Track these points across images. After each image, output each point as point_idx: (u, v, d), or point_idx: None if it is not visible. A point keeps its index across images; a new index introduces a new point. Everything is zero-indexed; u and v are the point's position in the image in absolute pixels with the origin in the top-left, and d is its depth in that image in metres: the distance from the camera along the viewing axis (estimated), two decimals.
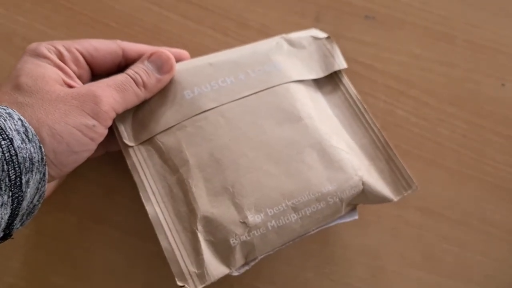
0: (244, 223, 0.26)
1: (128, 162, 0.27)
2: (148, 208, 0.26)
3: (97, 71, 0.28)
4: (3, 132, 0.21)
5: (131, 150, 0.28)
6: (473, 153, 0.33)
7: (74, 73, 0.26)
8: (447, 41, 0.35)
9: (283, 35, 0.32)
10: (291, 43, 0.31)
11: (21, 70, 0.24)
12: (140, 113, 0.28)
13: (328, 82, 0.32)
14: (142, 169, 0.28)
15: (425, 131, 0.34)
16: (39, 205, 0.23)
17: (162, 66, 0.28)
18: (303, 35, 0.32)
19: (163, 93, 0.28)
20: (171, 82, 0.29)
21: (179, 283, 0.25)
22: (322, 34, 0.32)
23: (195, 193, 0.26)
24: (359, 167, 0.28)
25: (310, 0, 0.36)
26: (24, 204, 0.22)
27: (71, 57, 0.26)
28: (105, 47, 0.28)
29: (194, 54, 0.31)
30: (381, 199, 0.28)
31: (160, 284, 0.30)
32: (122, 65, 0.29)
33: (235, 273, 0.26)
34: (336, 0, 0.36)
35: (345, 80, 0.31)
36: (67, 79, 0.25)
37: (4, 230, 0.22)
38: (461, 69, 0.35)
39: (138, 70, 0.27)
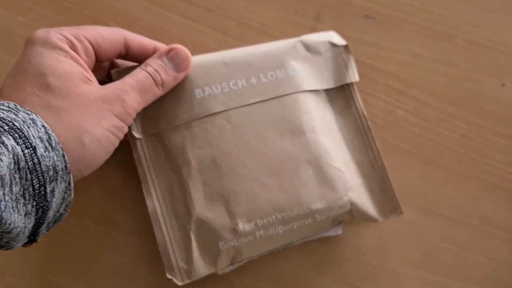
0: (235, 230, 0.27)
1: (134, 154, 0.28)
2: (148, 201, 0.28)
3: (100, 59, 0.28)
4: (27, 140, 0.20)
5: (138, 143, 0.28)
6: (473, 153, 0.33)
7: (86, 64, 0.26)
8: (447, 41, 0.35)
9: (302, 36, 0.32)
10: (307, 47, 0.31)
11: (43, 67, 0.24)
12: (150, 107, 0.28)
13: (338, 93, 0.32)
14: (147, 163, 0.28)
15: (425, 131, 0.34)
16: (66, 213, 0.23)
17: (180, 63, 0.28)
18: (321, 39, 0.32)
19: (175, 89, 0.29)
20: (185, 79, 0.29)
21: (168, 276, 0.27)
22: (340, 41, 0.32)
23: (193, 195, 0.27)
24: (350, 186, 0.29)
25: (310, 0, 0.36)
26: (50, 213, 0.22)
27: (82, 47, 0.26)
28: (110, 35, 0.27)
29: (194, 54, 0.31)
30: (367, 219, 0.29)
31: (162, 284, 0.30)
32: (122, 54, 0.28)
33: (220, 272, 0.28)
34: (336, 0, 0.36)
35: (355, 93, 0.31)
36: (86, 73, 0.25)
37: (29, 237, 0.22)
38: (461, 69, 0.35)
39: (157, 68, 0.27)
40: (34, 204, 0.21)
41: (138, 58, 0.29)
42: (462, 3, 0.36)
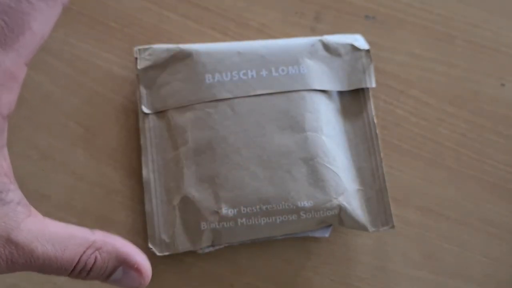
0: (217, 213, 0.28)
1: (140, 125, 0.30)
2: (144, 171, 0.30)
3: None
4: None
5: (145, 117, 0.30)
6: (473, 153, 0.33)
7: None
8: (447, 41, 0.35)
9: (324, 36, 0.32)
10: (327, 48, 0.31)
11: None
12: (162, 86, 0.30)
13: (352, 97, 0.32)
14: (150, 137, 0.30)
15: (425, 131, 0.34)
16: None
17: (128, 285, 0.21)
18: (343, 41, 0.32)
19: (188, 72, 0.30)
20: (198, 62, 0.30)
21: (150, 245, 0.29)
22: (363, 45, 0.32)
23: (185, 174, 0.29)
24: (343, 191, 0.29)
25: (310, 0, 0.36)
26: None
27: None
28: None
29: None
30: (357, 227, 0.29)
31: (162, 284, 0.30)
32: None
33: (200, 251, 0.29)
34: (336, 0, 0.36)
35: (369, 100, 0.32)
36: None
37: None
38: (461, 69, 0.35)
39: (97, 269, 0.20)
40: None
41: None
42: (462, 3, 0.36)
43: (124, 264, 0.20)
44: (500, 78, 0.35)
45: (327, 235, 0.30)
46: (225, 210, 0.28)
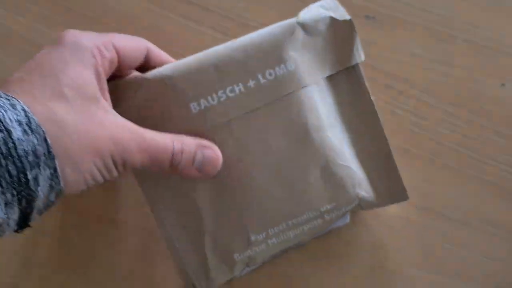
0: (248, 242, 0.28)
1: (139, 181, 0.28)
2: (161, 230, 0.28)
3: (120, 70, 0.26)
4: (1, 124, 0.19)
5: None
6: (473, 153, 0.33)
7: (106, 77, 0.24)
8: (447, 41, 0.35)
9: (300, 18, 0.28)
10: (306, 30, 0.28)
11: (63, 76, 0.22)
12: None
13: (342, 76, 0.29)
14: (156, 190, 0.28)
15: (425, 131, 0.34)
16: (57, 202, 0.22)
17: (207, 167, 0.26)
18: (322, 14, 0.28)
19: (169, 104, 0.26)
20: (176, 89, 0.26)
21: None
22: (343, 15, 0.28)
23: (203, 213, 0.27)
24: (358, 181, 0.29)
25: (310, 0, 0.36)
26: (39, 203, 0.20)
27: (109, 58, 0.24)
28: (135, 46, 0.26)
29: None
30: (374, 207, 0.30)
31: (161, 283, 0.30)
32: (140, 66, 0.27)
33: (238, 276, 0.29)
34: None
35: (361, 75, 0.29)
36: (100, 92, 0.23)
37: (18, 224, 0.21)
38: (461, 69, 0.35)
39: (187, 154, 0.25)
40: (15, 193, 0.19)
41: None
42: (462, 3, 0.36)
43: (200, 146, 0.25)
44: (500, 78, 0.35)
45: (347, 220, 0.31)
46: (254, 237, 0.28)
